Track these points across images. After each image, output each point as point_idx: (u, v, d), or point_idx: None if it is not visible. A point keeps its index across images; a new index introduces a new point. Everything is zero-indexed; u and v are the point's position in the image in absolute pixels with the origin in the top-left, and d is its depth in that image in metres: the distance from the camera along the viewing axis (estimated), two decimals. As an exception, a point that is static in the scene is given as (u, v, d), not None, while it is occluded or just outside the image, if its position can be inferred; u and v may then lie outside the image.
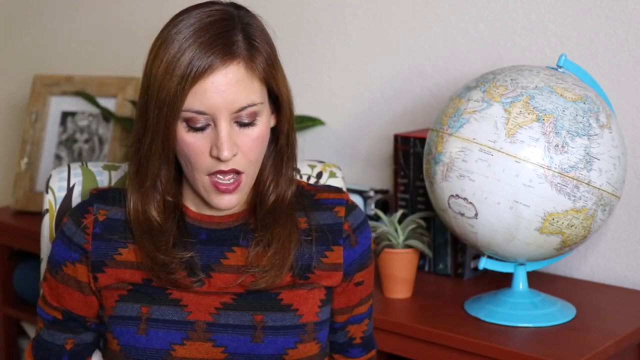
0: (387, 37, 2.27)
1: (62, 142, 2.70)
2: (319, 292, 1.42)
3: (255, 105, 1.31)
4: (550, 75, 1.66)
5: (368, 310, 1.50)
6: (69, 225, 1.41)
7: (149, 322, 1.37)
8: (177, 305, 1.38)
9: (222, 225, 1.41)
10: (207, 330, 1.37)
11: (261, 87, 1.33)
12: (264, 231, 1.39)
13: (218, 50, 1.28)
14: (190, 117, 1.30)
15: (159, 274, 1.36)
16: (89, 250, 1.39)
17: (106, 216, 1.40)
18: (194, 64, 1.28)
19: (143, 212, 1.37)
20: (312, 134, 2.43)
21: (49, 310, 1.43)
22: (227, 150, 1.29)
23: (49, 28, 3.04)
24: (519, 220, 1.62)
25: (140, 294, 1.38)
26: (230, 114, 1.30)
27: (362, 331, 1.49)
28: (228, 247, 1.40)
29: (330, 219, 1.44)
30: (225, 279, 1.38)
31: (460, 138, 1.65)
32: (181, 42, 1.29)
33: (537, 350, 1.61)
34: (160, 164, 1.34)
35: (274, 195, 1.40)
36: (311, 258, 1.41)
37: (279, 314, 1.39)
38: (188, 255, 1.37)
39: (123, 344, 1.38)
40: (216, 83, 1.28)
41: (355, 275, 1.45)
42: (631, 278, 1.97)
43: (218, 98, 1.28)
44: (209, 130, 1.31)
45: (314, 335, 1.40)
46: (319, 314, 1.41)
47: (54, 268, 1.42)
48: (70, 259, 1.40)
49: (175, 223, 1.39)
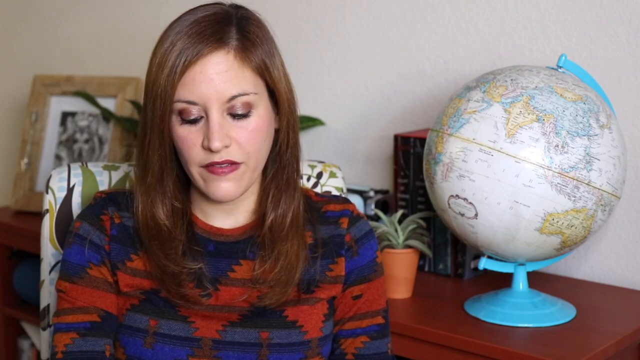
0: (387, 37, 2.27)
1: (62, 142, 2.70)
2: (322, 306, 1.40)
3: (247, 94, 1.29)
4: (550, 75, 1.66)
5: (368, 328, 1.43)
6: (86, 227, 1.38)
7: (156, 337, 1.35)
8: (185, 321, 1.36)
9: (230, 237, 1.39)
10: (213, 348, 1.36)
11: (254, 78, 1.31)
12: (272, 246, 1.37)
13: (207, 39, 1.28)
14: (183, 108, 1.29)
15: (168, 286, 1.35)
16: (109, 251, 1.37)
17: (121, 220, 1.38)
18: (183, 53, 1.27)
19: (152, 216, 1.35)
20: (312, 134, 2.43)
21: (80, 317, 1.35)
22: (217, 140, 1.27)
23: (49, 28, 3.04)
24: (519, 220, 1.62)
25: (150, 305, 1.36)
26: (221, 104, 1.28)
27: (356, 348, 1.42)
28: (235, 260, 1.38)
29: (334, 230, 1.42)
30: (232, 293, 1.37)
31: (460, 138, 1.65)
32: (173, 37, 1.29)
33: (537, 350, 1.61)
34: (159, 161, 1.33)
35: (276, 208, 1.37)
36: (317, 272, 1.39)
37: (284, 331, 1.37)
38: (197, 266, 1.35)
39: (129, 355, 1.36)
40: (205, 72, 1.27)
41: (353, 287, 1.42)
42: (631, 278, 1.97)
43: (207, 87, 1.27)
44: (202, 123, 1.30)
45: (318, 351, 1.39)
46: (322, 329, 1.40)
47: (77, 273, 1.36)
48: (94, 260, 1.37)
49: (184, 230, 1.37)
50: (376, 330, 1.43)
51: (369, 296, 1.43)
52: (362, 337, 1.42)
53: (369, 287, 1.43)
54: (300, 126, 2.36)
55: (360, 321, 1.43)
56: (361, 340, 1.42)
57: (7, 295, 2.70)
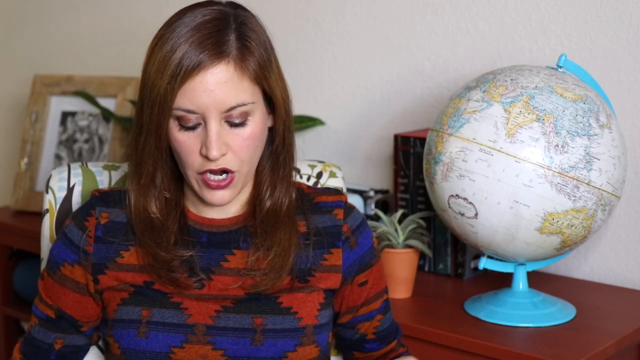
0: (387, 37, 2.27)
1: (62, 142, 2.70)
2: (318, 295, 1.42)
3: (246, 105, 1.31)
4: (550, 75, 1.66)
5: (380, 307, 1.49)
6: (71, 227, 1.41)
7: (149, 325, 1.37)
8: (177, 308, 1.37)
9: (222, 228, 1.41)
10: (207, 334, 1.37)
11: (252, 87, 1.32)
12: (265, 235, 1.39)
13: (208, 49, 1.29)
14: (181, 115, 1.31)
15: (159, 272, 1.36)
16: (91, 252, 1.39)
17: (108, 219, 1.40)
18: (184, 62, 1.28)
19: (144, 209, 1.37)
20: (312, 134, 2.43)
21: (43, 308, 1.44)
22: (215, 150, 1.30)
23: (49, 28, 3.04)
24: (519, 220, 1.62)
25: (141, 296, 1.38)
26: (219, 114, 1.30)
27: (375, 327, 1.49)
28: (228, 250, 1.40)
29: (329, 221, 1.44)
30: (225, 282, 1.39)
31: (460, 138, 1.65)
32: (173, 41, 1.30)
33: (537, 350, 1.61)
34: (154, 162, 1.35)
35: (271, 196, 1.40)
36: (310, 261, 1.41)
37: (278, 317, 1.39)
38: (189, 254, 1.37)
39: (124, 347, 1.38)
40: (205, 82, 1.29)
41: (358, 276, 1.45)
42: (631, 278, 1.97)
43: (207, 97, 1.29)
44: (200, 130, 1.31)
45: (313, 339, 1.40)
46: (318, 317, 1.41)
47: (52, 268, 1.42)
48: (69, 260, 1.40)
49: (176, 221, 1.39)
50: (385, 306, 1.51)
51: (374, 280, 1.48)
52: (377, 316, 1.50)
53: (372, 271, 1.47)
54: (301, 126, 2.37)
55: (373, 304, 1.49)
56: (378, 319, 1.50)
57: (7, 295, 2.70)
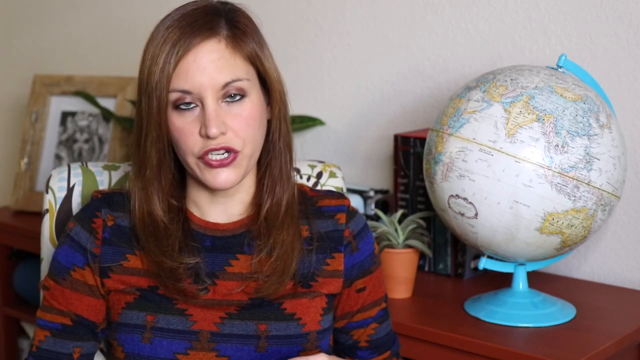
0: (387, 37, 2.27)
1: (62, 142, 2.70)
2: (321, 300, 1.42)
3: (240, 80, 1.32)
4: (550, 75, 1.66)
5: (376, 315, 1.48)
6: (77, 230, 1.40)
7: (154, 331, 1.36)
8: (182, 314, 1.37)
9: (226, 232, 1.41)
10: (211, 340, 1.37)
11: (246, 65, 1.34)
12: (267, 237, 1.38)
13: (198, 29, 1.31)
14: (177, 97, 1.32)
15: (166, 281, 1.36)
16: (98, 254, 1.38)
17: (114, 222, 1.40)
18: (176, 45, 1.31)
19: (148, 213, 1.37)
20: (312, 134, 2.43)
21: (55, 317, 1.39)
22: (214, 126, 1.30)
23: (49, 28, 3.04)
24: (519, 220, 1.62)
25: (146, 301, 1.37)
26: (215, 92, 1.31)
27: (368, 335, 1.48)
28: (232, 254, 1.40)
29: (332, 226, 1.44)
30: (229, 287, 1.38)
31: (460, 138, 1.65)
32: (164, 31, 1.32)
33: (537, 350, 1.61)
34: (157, 154, 1.35)
35: (271, 194, 1.40)
36: (313, 266, 1.40)
37: (282, 323, 1.38)
38: (194, 261, 1.36)
39: (127, 352, 1.37)
40: (198, 61, 1.31)
41: (357, 281, 1.45)
42: (631, 278, 1.97)
43: (201, 75, 1.30)
44: (197, 112, 1.32)
45: (317, 344, 1.40)
46: (321, 322, 1.41)
47: (61, 274, 1.40)
48: (79, 263, 1.39)
49: (180, 227, 1.38)
50: (382, 315, 1.49)
51: (372, 287, 1.47)
52: (372, 324, 1.48)
53: (371, 278, 1.47)
54: (301, 126, 2.37)
55: (369, 311, 1.47)
56: (372, 327, 1.48)
57: (7, 295, 2.70)
